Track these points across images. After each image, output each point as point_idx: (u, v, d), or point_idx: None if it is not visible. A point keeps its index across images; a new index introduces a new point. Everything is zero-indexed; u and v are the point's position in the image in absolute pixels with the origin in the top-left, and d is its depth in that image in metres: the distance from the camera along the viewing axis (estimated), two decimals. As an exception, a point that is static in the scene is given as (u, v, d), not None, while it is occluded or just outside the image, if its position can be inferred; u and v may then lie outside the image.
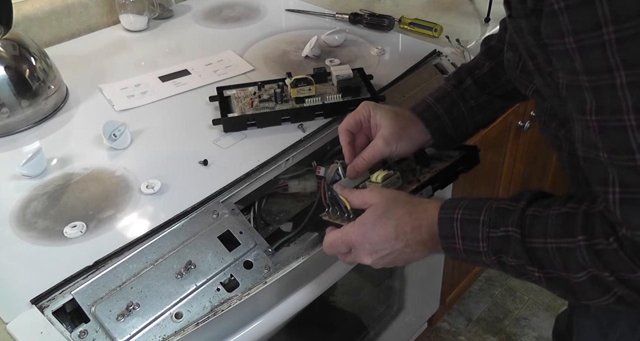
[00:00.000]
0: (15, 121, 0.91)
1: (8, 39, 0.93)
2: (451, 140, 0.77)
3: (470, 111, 0.76)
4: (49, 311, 0.63)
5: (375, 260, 0.63)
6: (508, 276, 1.75)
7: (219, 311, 0.68)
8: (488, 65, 0.76)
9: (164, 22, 1.25)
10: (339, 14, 1.21)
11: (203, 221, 0.74)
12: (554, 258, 0.51)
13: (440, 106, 0.75)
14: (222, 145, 0.86)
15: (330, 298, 1.19)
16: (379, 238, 0.62)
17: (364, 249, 0.63)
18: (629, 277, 0.48)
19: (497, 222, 0.55)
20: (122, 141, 0.86)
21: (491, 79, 0.76)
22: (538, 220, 0.53)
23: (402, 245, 0.61)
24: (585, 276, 0.50)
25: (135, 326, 0.64)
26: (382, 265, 0.64)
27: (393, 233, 0.61)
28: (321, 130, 0.88)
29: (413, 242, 0.61)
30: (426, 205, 0.62)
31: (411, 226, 0.61)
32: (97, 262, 0.67)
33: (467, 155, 0.78)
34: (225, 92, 0.94)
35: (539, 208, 0.53)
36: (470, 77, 0.77)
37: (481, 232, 0.56)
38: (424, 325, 1.47)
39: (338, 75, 0.91)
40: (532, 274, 0.54)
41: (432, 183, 0.75)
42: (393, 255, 0.62)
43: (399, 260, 0.63)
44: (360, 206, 0.65)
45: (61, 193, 0.79)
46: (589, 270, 0.49)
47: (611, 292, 0.50)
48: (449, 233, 0.58)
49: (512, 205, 0.55)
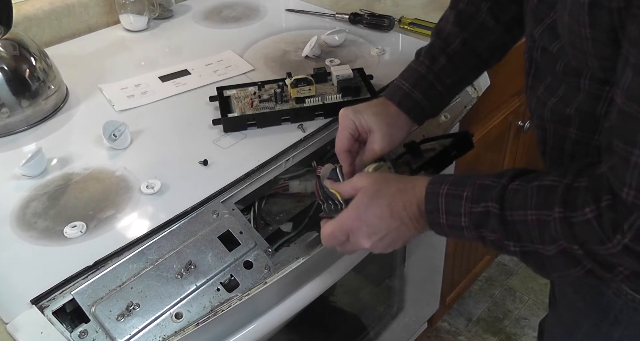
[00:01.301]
0: (15, 121, 0.91)
1: (8, 39, 0.93)
2: (431, 116, 0.79)
3: (447, 89, 0.76)
4: (49, 311, 0.63)
5: (374, 242, 0.63)
6: (508, 276, 1.75)
7: (219, 311, 0.68)
8: (461, 39, 0.75)
9: (164, 22, 1.25)
10: (339, 14, 1.21)
11: (203, 221, 0.74)
12: (532, 231, 0.52)
13: (417, 91, 0.75)
14: (222, 145, 0.86)
15: (330, 298, 1.19)
16: (375, 219, 0.62)
17: (362, 232, 0.63)
18: (597, 251, 0.48)
19: (479, 198, 0.55)
20: (122, 141, 0.86)
21: (465, 53, 0.75)
22: (519, 193, 0.53)
23: (397, 223, 0.61)
24: (556, 250, 0.51)
25: (135, 326, 0.64)
26: (381, 248, 0.64)
27: (387, 211, 0.61)
28: (321, 130, 0.88)
29: (407, 219, 0.61)
30: (415, 182, 0.62)
31: (403, 203, 0.61)
32: (97, 262, 0.67)
33: (459, 140, 0.79)
34: (225, 92, 0.94)
35: (522, 183, 0.54)
36: (443, 54, 0.75)
37: (464, 207, 0.56)
38: (424, 325, 1.47)
39: (338, 75, 0.91)
40: (508, 248, 0.55)
41: (424, 168, 0.76)
42: (390, 235, 0.62)
43: (397, 240, 0.63)
44: (351, 193, 0.65)
45: (61, 193, 0.79)
46: (560, 243, 0.50)
47: (580, 265, 0.51)
48: (434, 207, 0.58)
49: (495, 182, 0.55)
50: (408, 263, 1.19)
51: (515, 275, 1.76)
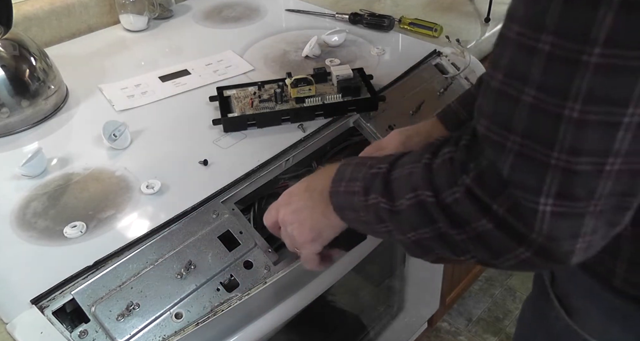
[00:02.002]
0: (15, 121, 0.91)
1: (8, 39, 0.93)
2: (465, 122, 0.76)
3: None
4: (49, 311, 0.63)
5: (287, 213, 0.62)
6: (508, 276, 1.75)
7: (219, 311, 0.68)
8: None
9: (164, 22, 1.25)
10: (339, 14, 1.21)
11: (203, 221, 0.74)
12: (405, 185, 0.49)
13: (456, 101, 0.76)
14: (222, 145, 0.86)
15: (330, 298, 1.19)
16: (295, 188, 0.63)
17: (282, 200, 0.63)
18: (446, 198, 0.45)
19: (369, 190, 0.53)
20: (122, 141, 0.86)
21: None
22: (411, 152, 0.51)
23: (307, 196, 0.60)
24: (414, 200, 0.47)
25: (135, 326, 0.64)
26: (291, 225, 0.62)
27: (304, 185, 0.62)
28: (321, 130, 0.88)
29: (316, 194, 0.59)
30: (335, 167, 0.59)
31: (322, 184, 0.59)
32: (97, 262, 0.67)
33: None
34: (225, 92, 0.94)
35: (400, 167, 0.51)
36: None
37: (358, 203, 0.54)
38: (424, 325, 1.47)
39: (338, 75, 0.91)
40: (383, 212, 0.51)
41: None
42: (299, 211, 0.61)
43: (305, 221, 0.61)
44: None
45: (61, 193, 0.79)
46: (417, 192, 0.47)
47: (433, 223, 0.46)
48: (340, 206, 0.57)
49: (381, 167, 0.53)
50: (408, 263, 1.19)
51: (515, 275, 1.76)
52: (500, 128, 0.40)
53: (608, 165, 0.37)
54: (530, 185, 0.39)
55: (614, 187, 0.38)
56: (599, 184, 0.38)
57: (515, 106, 0.39)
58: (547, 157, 0.38)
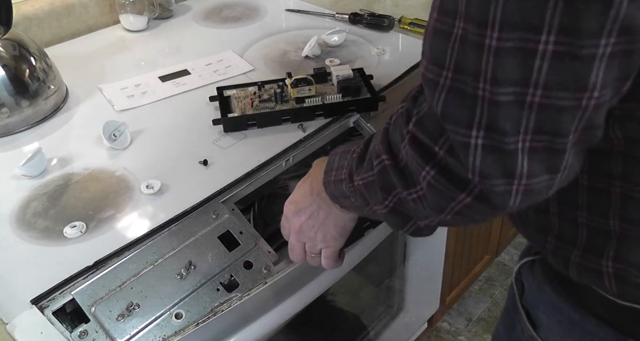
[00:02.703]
0: (15, 121, 0.91)
1: (8, 39, 0.93)
2: None
3: None
4: (49, 312, 0.63)
5: (302, 221, 0.62)
6: (508, 276, 1.75)
7: (219, 311, 0.68)
8: None
9: (164, 22, 1.25)
10: (338, 14, 1.21)
11: (203, 221, 0.74)
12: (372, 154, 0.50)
13: None
14: (222, 145, 0.86)
15: (330, 298, 1.19)
16: (299, 196, 0.62)
17: (291, 211, 0.63)
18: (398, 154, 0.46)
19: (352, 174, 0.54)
20: (122, 141, 0.86)
21: None
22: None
23: (317, 201, 0.60)
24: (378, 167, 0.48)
25: (135, 326, 0.64)
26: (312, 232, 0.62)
27: (309, 189, 0.61)
28: (321, 130, 0.88)
29: (325, 196, 0.60)
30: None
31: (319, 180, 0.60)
32: (97, 262, 0.67)
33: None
34: (225, 92, 0.94)
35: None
36: None
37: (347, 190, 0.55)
38: (424, 325, 1.47)
39: (338, 75, 0.91)
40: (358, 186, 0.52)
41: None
42: (316, 215, 0.61)
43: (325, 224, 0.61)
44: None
45: (61, 193, 0.79)
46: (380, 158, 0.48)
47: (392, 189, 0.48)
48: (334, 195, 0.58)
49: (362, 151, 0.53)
50: (408, 263, 1.19)
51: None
52: (435, 66, 0.40)
53: (529, 96, 0.37)
54: (462, 118, 0.39)
55: (539, 122, 0.38)
56: (522, 116, 0.38)
57: (447, 41, 0.39)
58: (475, 89, 0.38)
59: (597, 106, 0.38)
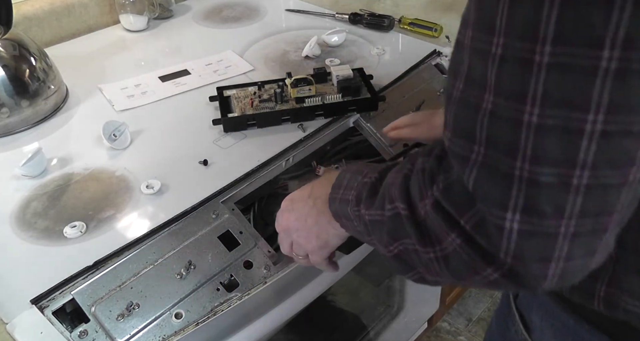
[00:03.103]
0: (15, 121, 0.91)
1: (8, 39, 0.93)
2: None
3: None
4: (49, 312, 0.63)
5: (291, 220, 0.61)
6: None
7: (219, 311, 0.68)
8: None
9: (164, 22, 1.25)
10: (338, 14, 1.21)
11: (203, 221, 0.74)
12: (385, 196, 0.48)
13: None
14: (222, 145, 0.86)
15: (330, 298, 1.19)
16: (298, 194, 0.62)
17: (286, 207, 0.63)
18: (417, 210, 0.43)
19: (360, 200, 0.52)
20: (122, 141, 0.86)
21: None
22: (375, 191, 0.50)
23: (312, 203, 0.59)
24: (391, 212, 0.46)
25: (135, 326, 0.64)
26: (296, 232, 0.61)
27: (309, 190, 0.61)
28: (321, 130, 0.88)
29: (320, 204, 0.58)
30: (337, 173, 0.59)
31: (325, 192, 0.58)
32: (97, 262, 0.67)
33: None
34: (225, 92, 0.94)
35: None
36: None
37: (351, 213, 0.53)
38: (424, 325, 1.47)
39: (338, 75, 0.91)
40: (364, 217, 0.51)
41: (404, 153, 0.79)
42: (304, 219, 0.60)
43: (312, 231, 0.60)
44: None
45: (61, 193, 0.79)
46: (395, 205, 0.45)
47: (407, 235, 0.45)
48: (337, 213, 0.56)
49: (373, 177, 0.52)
50: (408, 263, 1.18)
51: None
52: (462, 140, 0.38)
53: (575, 178, 0.34)
54: (496, 198, 0.36)
55: (585, 205, 0.35)
56: (567, 200, 0.35)
57: (476, 114, 0.36)
58: (511, 168, 0.35)
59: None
